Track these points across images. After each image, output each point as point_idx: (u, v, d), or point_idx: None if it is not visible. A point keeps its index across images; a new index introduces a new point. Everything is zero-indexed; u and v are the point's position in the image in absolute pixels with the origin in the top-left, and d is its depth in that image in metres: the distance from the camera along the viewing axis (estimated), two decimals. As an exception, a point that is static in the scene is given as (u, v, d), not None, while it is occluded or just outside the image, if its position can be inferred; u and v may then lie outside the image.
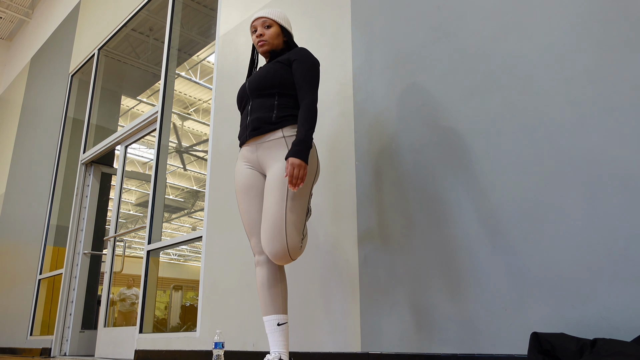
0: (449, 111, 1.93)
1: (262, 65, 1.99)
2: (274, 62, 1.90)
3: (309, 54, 1.90)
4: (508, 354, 1.57)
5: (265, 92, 1.85)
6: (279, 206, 1.71)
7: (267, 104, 1.84)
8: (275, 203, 1.72)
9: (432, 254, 1.86)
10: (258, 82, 1.87)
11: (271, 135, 1.81)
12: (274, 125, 1.80)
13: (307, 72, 1.84)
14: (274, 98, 1.84)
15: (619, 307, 1.39)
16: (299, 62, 1.86)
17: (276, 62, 1.89)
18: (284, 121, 1.81)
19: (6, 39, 8.49)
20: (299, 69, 1.85)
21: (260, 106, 1.85)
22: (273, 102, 1.83)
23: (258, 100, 1.87)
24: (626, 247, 1.41)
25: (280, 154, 1.78)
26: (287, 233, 1.69)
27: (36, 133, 6.05)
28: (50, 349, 4.31)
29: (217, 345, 2.12)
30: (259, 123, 1.82)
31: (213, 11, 3.82)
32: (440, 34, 2.04)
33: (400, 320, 1.90)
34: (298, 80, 1.84)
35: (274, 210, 1.71)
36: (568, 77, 1.63)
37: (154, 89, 7.38)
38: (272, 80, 1.84)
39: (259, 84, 1.87)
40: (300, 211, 1.74)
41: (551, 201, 1.58)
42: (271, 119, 1.81)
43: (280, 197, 1.72)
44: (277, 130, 1.80)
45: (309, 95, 1.81)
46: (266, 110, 1.83)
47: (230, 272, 2.75)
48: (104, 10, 5.30)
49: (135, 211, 15.53)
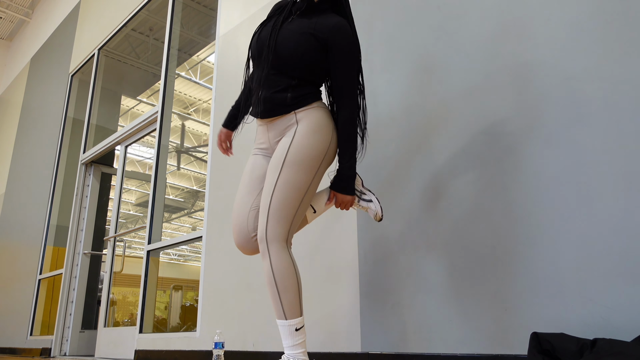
0: (449, 111, 1.93)
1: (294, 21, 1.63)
2: (307, 33, 1.57)
3: (352, 40, 1.61)
4: (508, 354, 1.57)
5: (287, 70, 1.58)
6: (268, 189, 1.55)
7: (282, 82, 1.59)
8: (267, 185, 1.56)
9: (432, 253, 1.86)
10: (282, 51, 1.57)
11: (286, 116, 1.60)
12: (288, 108, 1.58)
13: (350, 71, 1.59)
14: (294, 80, 1.59)
15: (619, 307, 1.39)
16: (339, 54, 1.58)
17: (310, 35, 1.57)
18: (299, 103, 1.59)
19: (6, 39, 8.48)
20: (339, 64, 1.58)
21: (276, 82, 1.59)
22: (290, 83, 1.58)
23: (275, 73, 1.60)
24: (626, 247, 1.41)
25: (289, 131, 1.59)
26: (268, 216, 1.51)
27: (36, 133, 6.05)
28: (50, 349, 4.31)
29: (217, 345, 2.12)
30: (272, 105, 1.60)
31: (213, 11, 3.82)
32: (440, 34, 2.04)
33: (400, 320, 1.90)
34: (336, 79, 1.60)
35: (265, 192, 1.56)
36: (568, 77, 1.63)
37: (154, 89, 7.38)
38: (298, 62, 1.57)
39: (282, 57, 1.58)
40: (291, 201, 1.53)
41: (551, 201, 1.58)
42: (286, 101, 1.58)
43: (272, 179, 1.55)
44: (290, 111, 1.59)
45: (349, 102, 1.59)
46: (281, 90, 1.58)
47: (230, 272, 2.75)
48: (104, 10, 5.30)
49: (135, 211, 15.53)
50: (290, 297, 1.49)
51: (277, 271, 1.49)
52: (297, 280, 1.52)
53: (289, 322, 1.48)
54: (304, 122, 1.58)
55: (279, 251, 1.51)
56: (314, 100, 1.62)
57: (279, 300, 1.49)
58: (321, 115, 1.60)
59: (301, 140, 1.55)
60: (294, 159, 1.53)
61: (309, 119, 1.58)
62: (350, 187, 1.62)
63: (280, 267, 1.50)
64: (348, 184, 1.61)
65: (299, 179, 1.53)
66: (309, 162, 1.55)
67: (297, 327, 1.49)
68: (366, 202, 1.73)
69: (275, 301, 1.50)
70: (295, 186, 1.53)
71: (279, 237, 1.51)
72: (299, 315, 1.50)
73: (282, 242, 1.52)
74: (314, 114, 1.59)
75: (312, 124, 1.58)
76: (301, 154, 1.54)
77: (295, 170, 1.53)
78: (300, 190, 1.54)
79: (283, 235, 1.52)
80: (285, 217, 1.52)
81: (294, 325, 1.48)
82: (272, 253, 1.50)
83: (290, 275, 1.51)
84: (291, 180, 1.52)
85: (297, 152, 1.54)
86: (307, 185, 1.55)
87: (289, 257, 1.53)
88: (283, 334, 1.50)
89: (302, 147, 1.55)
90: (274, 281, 1.50)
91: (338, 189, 1.62)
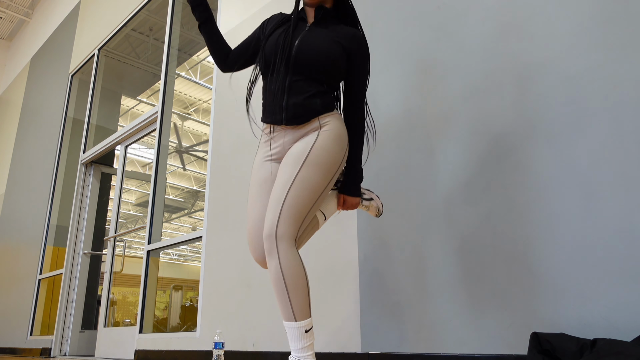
0: (448, 111, 1.93)
1: (310, 29, 1.64)
2: (335, 41, 1.59)
3: (368, 49, 1.67)
4: (508, 354, 1.57)
5: (317, 75, 1.57)
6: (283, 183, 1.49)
7: (312, 88, 1.57)
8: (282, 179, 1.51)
9: (432, 254, 1.86)
10: (314, 60, 1.57)
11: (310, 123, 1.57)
12: (318, 114, 1.57)
13: (366, 77, 1.65)
14: (322, 85, 1.58)
15: (619, 307, 1.39)
16: (360, 60, 1.63)
17: (338, 43, 1.59)
18: (325, 109, 1.58)
19: (6, 39, 8.48)
20: (359, 70, 1.63)
21: (305, 89, 1.57)
22: (319, 89, 1.58)
23: (302, 80, 1.57)
24: (626, 247, 1.41)
25: (309, 135, 1.56)
26: (281, 213, 1.44)
27: (36, 133, 6.05)
28: (50, 349, 4.31)
29: (217, 345, 2.12)
30: (303, 110, 1.56)
31: (213, 11, 3.81)
32: (440, 34, 2.04)
33: (400, 320, 1.90)
34: (354, 82, 1.64)
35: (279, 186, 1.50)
36: (568, 77, 1.63)
37: (154, 89, 7.38)
38: (331, 67, 1.58)
39: (314, 63, 1.57)
40: (306, 200, 1.48)
41: (551, 201, 1.58)
42: (317, 107, 1.56)
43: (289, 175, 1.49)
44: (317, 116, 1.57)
45: (362, 106, 1.64)
46: (311, 95, 1.56)
47: (230, 272, 2.75)
48: (104, 10, 5.30)
49: (135, 211, 15.53)
50: (300, 298, 1.42)
51: (287, 271, 1.41)
52: (306, 281, 1.46)
53: (299, 324, 1.41)
54: (328, 127, 1.56)
55: (288, 250, 1.44)
56: (335, 107, 1.63)
57: (288, 301, 1.41)
58: (341, 124, 1.60)
59: (325, 143, 1.53)
60: (316, 160, 1.50)
61: (332, 125, 1.57)
62: (359, 190, 1.65)
63: (289, 267, 1.42)
64: (358, 186, 1.64)
65: (317, 179, 1.50)
66: (330, 166, 1.53)
67: (306, 328, 1.42)
68: (368, 201, 1.75)
69: (284, 302, 1.42)
70: (313, 186, 1.49)
71: (289, 236, 1.44)
72: (308, 316, 1.43)
73: (291, 240, 1.45)
74: (336, 122, 1.58)
75: (335, 130, 1.56)
76: (323, 156, 1.51)
77: (315, 170, 1.50)
78: (316, 192, 1.50)
79: (293, 234, 1.46)
80: (297, 216, 1.46)
81: (304, 327, 1.41)
82: (281, 251, 1.43)
83: (300, 275, 1.43)
84: (311, 179, 1.48)
85: (320, 153, 1.51)
86: (323, 188, 1.52)
87: (299, 257, 1.46)
88: (292, 336, 1.42)
89: (325, 150, 1.52)
90: (283, 281, 1.41)
91: (348, 192, 1.63)
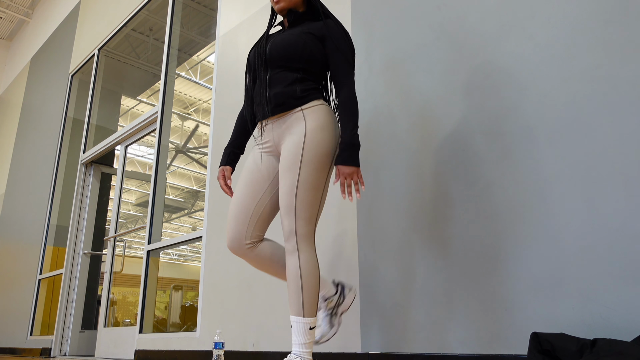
0: (448, 111, 1.93)
1: (285, 31, 1.78)
2: (305, 33, 1.69)
3: (343, 31, 1.73)
4: (508, 354, 1.57)
5: (291, 65, 1.66)
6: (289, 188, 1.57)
7: (289, 77, 1.66)
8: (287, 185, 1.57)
9: (431, 253, 1.86)
10: (284, 51, 1.66)
11: (293, 112, 1.64)
12: (299, 100, 1.63)
13: (345, 55, 1.68)
14: (299, 73, 1.66)
15: (619, 307, 1.39)
16: (334, 41, 1.68)
17: (308, 34, 1.68)
18: (308, 96, 1.64)
19: (6, 39, 8.48)
20: (336, 50, 1.67)
21: (283, 79, 1.66)
22: (296, 76, 1.66)
23: (279, 72, 1.67)
24: (626, 247, 1.41)
25: (296, 129, 1.62)
26: (296, 216, 1.54)
27: (36, 133, 6.05)
28: (50, 349, 4.31)
29: (217, 345, 2.12)
30: (284, 98, 1.64)
31: (213, 11, 3.82)
32: (440, 34, 2.04)
33: (400, 320, 1.90)
34: (335, 62, 1.67)
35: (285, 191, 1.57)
36: (568, 77, 1.63)
37: (154, 89, 7.38)
38: (302, 54, 1.65)
39: (285, 54, 1.66)
40: (313, 200, 1.57)
41: (551, 201, 1.58)
42: (296, 94, 1.63)
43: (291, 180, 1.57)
44: (299, 105, 1.64)
45: (347, 81, 1.66)
46: (289, 84, 1.65)
47: (230, 272, 2.75)
48: (104, 10, 5.30)
49: (135, 211, 15.52)
50: (311, 296, 1.54)
51: (305, 269, 1.54)
52: (319, 281, 1.58)
53: (305, 319, 1.52)
54: (311, 118, 1.62)
55: (309, 249, 1.56)
56: (318, 97, 1.67)
57: (301, 297, 1.53)
58: (327, 113, 1.66)
59: (313, 137, 1.59)
60: (310, 159, 1.58)
61: (315, 115, 1.63)
62: (354, 158, 1.56)
63: (308, 265, 1.55)
64: (351, 153, 1.56)
65: (317, 177, 1.58)
66: (324, 160, 1.60)
67: (311, 326, 1.53)
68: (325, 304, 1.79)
69: (297, 297, 1.53)
70: (315, 185, 1.58)
71: (309, 235, 1.57)
72: (315, 314, 1.55)
73: (311, 240, 1.58)
74: (320, 111, 1.64)
75: (319, 120, 1.62)
76: (315, 152, 1.58)
77: (312, 169, 1.57)
78: (319, 190, 1.60)
79: (312, 233, 1.58)
80: (311, 216, 1.57)
81: (309, 323, 1.52)
82: (302, 250, 1.55)
83: (316, 275, 1.56)
84: (311, 179, 1.57)
85: (312, 150, 1.58)
86: (324, 183, 1.62)
87: (316, 257, 1.59)
88: (296, 330, 1.52)
89: (315, 144, 1.59)
90: (300, 278, 1.54)
91: (341, 160, 1.57)
